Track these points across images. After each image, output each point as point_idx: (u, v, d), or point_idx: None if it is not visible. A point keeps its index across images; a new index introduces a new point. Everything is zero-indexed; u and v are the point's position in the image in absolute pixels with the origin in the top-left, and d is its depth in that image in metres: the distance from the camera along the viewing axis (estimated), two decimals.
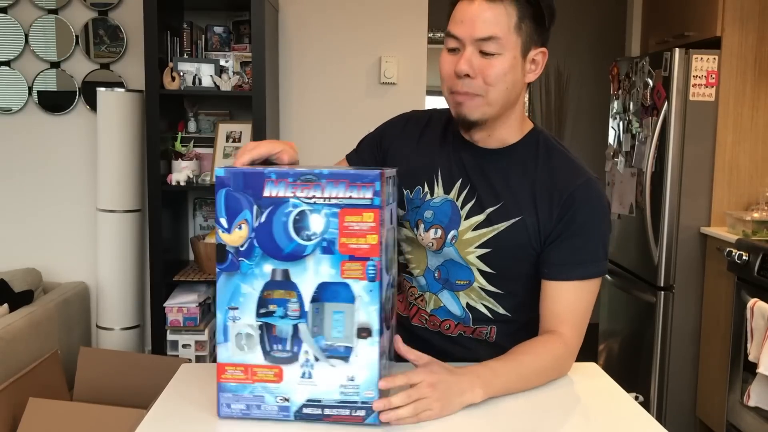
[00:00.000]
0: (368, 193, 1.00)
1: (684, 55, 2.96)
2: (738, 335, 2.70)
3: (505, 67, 1.20)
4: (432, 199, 1.32)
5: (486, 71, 1.20)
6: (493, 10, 1.18)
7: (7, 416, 2.11)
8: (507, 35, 1.19)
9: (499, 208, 1.27)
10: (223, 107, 3.18)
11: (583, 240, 1.25)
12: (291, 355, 1.03)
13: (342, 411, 1.03)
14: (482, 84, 1.21)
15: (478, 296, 1.31)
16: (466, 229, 1.29)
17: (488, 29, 1.18)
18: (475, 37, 1.19)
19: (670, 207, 3.02)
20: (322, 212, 1.01)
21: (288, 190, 1.01)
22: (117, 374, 2.53)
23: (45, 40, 3.12)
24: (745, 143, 3.02)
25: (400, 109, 1.50)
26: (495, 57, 1.20)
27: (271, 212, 1.01)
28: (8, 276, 2.87)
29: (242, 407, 1.05)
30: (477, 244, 1.28)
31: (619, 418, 1.12)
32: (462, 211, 1.30)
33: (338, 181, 1.00)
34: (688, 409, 3.12)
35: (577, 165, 1.29)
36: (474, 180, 1.30)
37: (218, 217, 1.03)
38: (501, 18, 1.18)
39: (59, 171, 3.20)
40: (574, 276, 1.25)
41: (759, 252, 2.60)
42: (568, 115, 4.78)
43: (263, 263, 1.02)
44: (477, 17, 1.19)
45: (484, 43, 1.19)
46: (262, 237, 1.02)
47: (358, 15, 3.22)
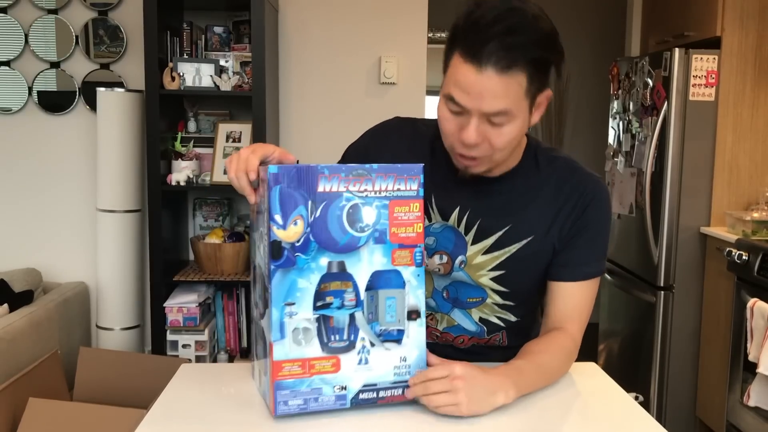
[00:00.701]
0: (414, 185, 1.08)
1: (684, 55, 2.96)
2: (738, 335, 2.70)
3: (514, 133, 1.13)
4: (431, 224, 1.28)
5: (494, 139, 1.12)
6: (504, 83, 1.06)
7: (7, 416, 2.11)
8: (517, 104, 1.10)
9: (509, 230, 1.25)
10: (223, 107, 3.18)
11: (591, 240, 1.26)
12: (348, 344, 1.07)
13: (395, 391, 1.09)
14: (489, 148, 1.14)
15: (491, 310, 1.31)
16: (474, 254, 1.27)
17: (499, 104, 1.08)
18: (483, 112, 1.09)
19: (670, 207, 3.02)
20: (374, 204, 1.06)
21: (341, 184, 1.05)
22: (117, 374, 2.53)
23: (45, 40, 3.12)
24: (745, 143, 3.02)
25: (400, 109, 1.48)
26: (504, 126, 1.11)
27: (326, 207, 1.05)
28: (8, 276, 2.87)
29: (299, 402, 1.06)
30: (489, 267, 1.27)
31: (619, 418, 1.12)
32: (467, 237, 1.26)
33: (387, 174, 1.07)
34: (688, 409, 3.12)
35: (578, 168, 1.28)
36: (475, 206, 1.25)
37: (272, 214, 1.03)
38: (512, 89, 1.08)
39: (59, 171, 3.20)
40: (581, 276, 1.26)
41: (759, 252, 2.60)
42: (568, 115, 4.78)
43: (319, 257, 1.05)
44: (486, 91, 1.07)
45: (494, 116, 1.10)
46: (317, 231, 1.05)
47: (358, 15, 3.22)
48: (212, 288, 3.06)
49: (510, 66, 1.06)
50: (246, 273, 2.96)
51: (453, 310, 1.32)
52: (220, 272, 2.93)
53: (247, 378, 1.24)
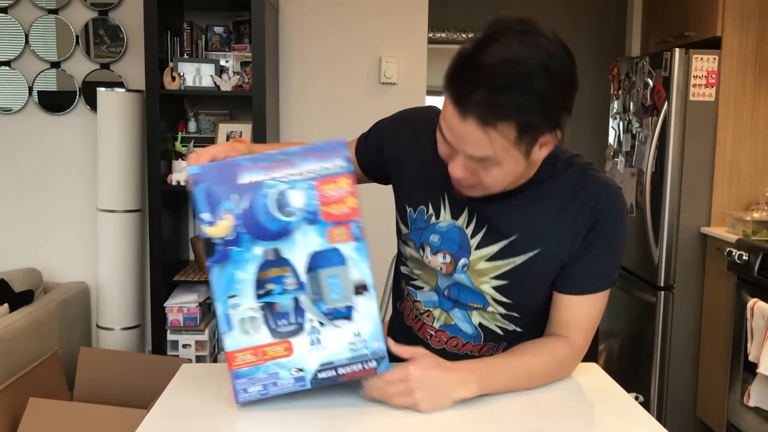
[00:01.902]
0: (339, 161, 1.06)
1: (684, 55, 2.96)
2: (738, 335, 2.70)
3: (502, 174, 1.09)
4: (438, 222, 1.25)
5: (482, 176, 1.09)
6: (486, 135, 1.03)
7: (7, 416, 2.11)
8: (505, 153, 1.05)
9: (515, 240, 1.20)
10: (223, 107, 3.19)
11: (605, 254, 1.21)
12: (297, 327, 1.07)
13: (354, 366, 1.08)
14: (479, 182, 1.11)
15: (492, 318, 1.28)
16: (478, 260, 1.23)
17: (481, 152, 1.05)
18: (467, 155, 1.07)
19: (670, 207, 3.02)
20: (300, 187, 1.05)
21: (263, 173, 1.05)
22: (117, 374, 2.53)
23: (45, 40, 3.12)
24: (745, 143, 3.02)
25: (400, 109, 1.44)
26: (491, 167, 1.07)
27: (252, 197, 1.05)
28: (8, 276, 2.87)
29: (259, 388, 1.09)
30: (492, 275, 1.23)
31: (619, 418, 1.12)
32: (472, 240, 1.23)
33: (309, 155, 1.06)
34: (688, 409, 3.12)
35: (596, 176, 1.22)
36: (484, 209, 1.22)
37: (199, 213, 1.06)
38: (496, 141, 1.03)
39: (59, 171, 3.20)
40: (590, 290, 1.22)
41: (759, 252, 2.60)
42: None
43: (253, 247, 1.06)
44: (468, 139, 1.04)
45: (477, 161, 1.07)
46: (247, 222, 1.05)
47: (358, 15, 3.22)
48: None
49: (491, 122, 1.02)
50: None
51: (453, 309, 1.29)
52: None
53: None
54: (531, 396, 1.18)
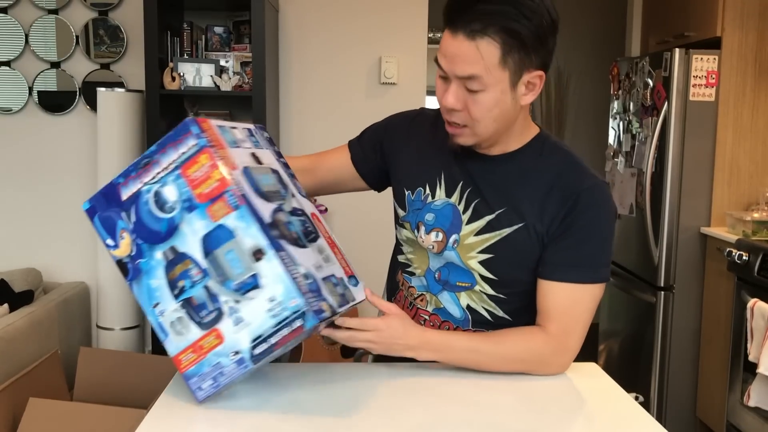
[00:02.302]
0: (191, 141, 1.07)
1: (684, 55, 2.96)
2: (738, 335, 2.70)
3: (490, 103, 1.16)
4: (433, 201, 1.31)
5: (471, 107, 1.17)
6: (473, 47, 1.11)
7: (7, 416, 2.11)
8: (490, 73, 1.13)
9: (502, 213, 1.25)
10: (223, 107, 3.19)
11: (583, 243, 1.22)
12: (217, 313, 1.08)
13: (282, 332, 1.06)
14: (468, 117, 1.18)
15: (480, 299, 1.30)
16: (467, 234, 1.27)
17: (467, 69, 1.13)
18: (456, 75, 1.15)
19: (670, 207, 3.02)
20: (169, 181, 1.07)
21: (136, 182, 1.09)
22: (117, 374, 2.53)
23: (45, 40, 3.12)
24: (745, 143, 3.02)
25: (400, 108, 1.50)
26: (479, 93, 1.15)
27: (135, 208, 1.09)
28: (8, 276, 2.87)
29: (210, 382, 1.10)
30: (479, 249, 1.26)
31: (619, 418, 1.12)
32: (464, 216, 1.28)
33: (165, 148, 1.08)
34: (688, 409, 3.12)
35: (584, 168, 1.26)
36: (476, 185, 1.28)
37: (104, 241, 1.12)
38: (482, 55, 1.11)
39: (59, 171, 3.20)
40: (568, 278, 1.22)
41: (759, 252, 2.60)
42: (568, 115, 4.78)
43: (154, 253, 1.09)
44: (456, 55, 1.13)
45: (466, 81, 1.14)
46: (140, 233, 1.09)
47: (358, 15, 3.22)
48: None
49: (478, 32, 1.10)
50: None
51: (442, 292, 1.32)
52: None
53: (247, 378, 1.24)
54: (530, 395, 1.18)
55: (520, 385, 1.23)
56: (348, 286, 1.18)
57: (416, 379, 1.24)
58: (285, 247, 1.07)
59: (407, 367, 1.29)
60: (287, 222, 1.13)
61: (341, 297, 1.13)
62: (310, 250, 1.14)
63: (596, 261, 1.23)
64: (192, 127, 1.07)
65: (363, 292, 1.21)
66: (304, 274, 1.07)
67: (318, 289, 1.08)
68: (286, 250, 1.06)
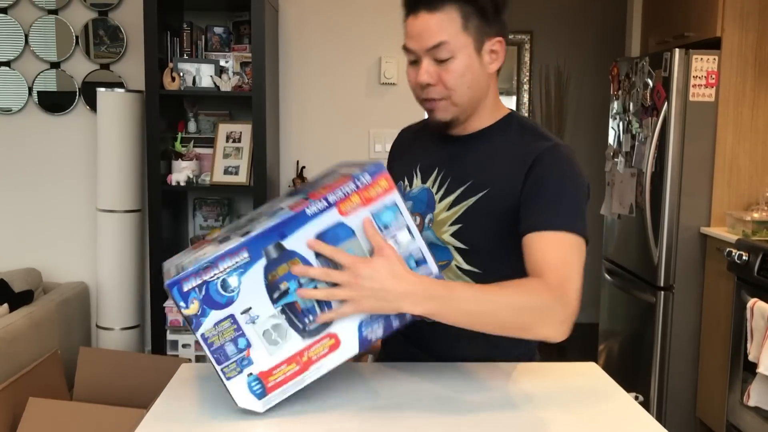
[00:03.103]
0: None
1: (684, 55, 2.96)
2: (738, 335, 2.70)
3: (461, 68, 1.26)
4: (411, 190, 1.39)
5: (444, 77, 1.26)
6: (436, 18, 1.24)
7: (7, 416, 2.11)
8: (455, 38, 1.24)
9: (470, 185, 1.31)
10: (223, 107, 3.19)
11: (552, 197, 1.23)
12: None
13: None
14: (443, 89, 1.27)
15: (456, 275, 1.32)
16: (440, 211, 1.34)
17: (435, 37, 1.24)
18: (425, 47, 1.25)
19: (670, 207, 3.02)
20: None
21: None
22: (117, 374, 2.53)
23: (45, 41, 3.12)
24: (745, 143, 3.02)
25: (400, 109, 1.55)
26: (449, 62, 1.25)
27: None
28: (8, 276, 2.87)
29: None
30: (450, 222, 1.32)
31: (619, 418, 1.12)
32: (437, 195, 1.35)
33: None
34: (688, 409, 3.12)
35: (548, 136, 1.31)
36: (448, 166, 1.35)
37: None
38: (445, 24, 1.24)
39: (59, 171, 3.20)
40: (545, 226, 1.20)
41: (759, 252, 2.60)
42: (568, 115, 4.78)
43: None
44: (423, 29, 1.25)
45: (436, 51, 1.24)
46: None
47: (358, 15, 3.22)
48: None
49: (438, 3, 1.23)
50: None
51: None
52: None
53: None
54: (531, 395, 1.18)
55: (520, 385, 1.23)
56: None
57: (416, 379, 1.24)
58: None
59: (407, 367, 1.29)
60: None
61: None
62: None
63: (570, 212, 1.22)
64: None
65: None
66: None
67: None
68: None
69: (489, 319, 1.10)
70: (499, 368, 1.30)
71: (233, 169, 2.97)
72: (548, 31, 4.71)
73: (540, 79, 4.79)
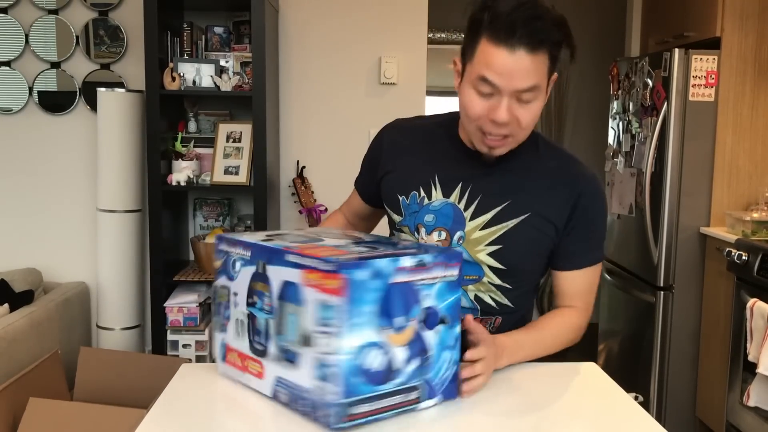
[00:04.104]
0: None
1: (683, 55, 2.96)
2: (738, 335, 2.70)
3: (538, 111, 1.23)
4: (431, 203, 1.34)
5: (522, 117, 1.21)
6: (535, 61, 1.17)
7: (7, 416, 2.11)
8: (544, 81, 1.21)
9: (507, 206, 1.31)
10: (223, 107, 3.19)
11: (593, 231, 1.35)
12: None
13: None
14: (517, 128, 1.23)
15: (487, 289, 1.34)
16: (473, 230, 1.31)
17: (530, 80, 1.18)
18: (516, 89, 1.18)
19: (669, 207, 3.03)
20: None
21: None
22: (117, 374, 2.53)
23: (45, 41, 3.12)
24: (744, 143, 3.02)
25: (400, 108, 1.52)
26: (532, 103, 1.21)
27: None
28: (8, 276, 2.87)
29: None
30: (487, 242, 1.31)
31: (619, 418, 1.12)
32: (466, 213, 1.32)
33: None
34: (688, 409, 3.13)
35: (578, 162, 1.37)
36: (476, 182, 1.32)
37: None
38: (540, 67, 1.18)
39: (59, 171, 3.20)
40: (586, 263, 1.36)
41: (758, 252, 2.60)
42: (568, 115, 4.79)
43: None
44: (519, 69, 1.16)
45: (525, 93, 1.19)
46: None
47: (358, 15, 3.22)
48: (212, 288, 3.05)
49: (538, 47, 1.17)
50: None
51: None
52: None
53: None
54: (531, 396, 1.18)
55: (520, 385, 1.23)
56: None
57: None
58: None
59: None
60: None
61: None
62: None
63: (601, 243, 1.39)
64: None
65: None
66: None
67: None
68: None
69: (542, 353, 1.34)
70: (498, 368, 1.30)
71: (233, 169, 2.98)
72: None
73: None
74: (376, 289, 0.97)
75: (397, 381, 1.01)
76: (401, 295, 1.00)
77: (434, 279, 1.05)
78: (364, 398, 0.98)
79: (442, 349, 1.07)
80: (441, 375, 1.08)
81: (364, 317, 0.97)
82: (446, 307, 1.07)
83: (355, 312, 0.96)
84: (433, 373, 1.07)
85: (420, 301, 1.03)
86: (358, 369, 0.97)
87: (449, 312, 1.07)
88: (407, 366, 1.02)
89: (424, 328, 1.04)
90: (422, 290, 1.03)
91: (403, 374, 1.02)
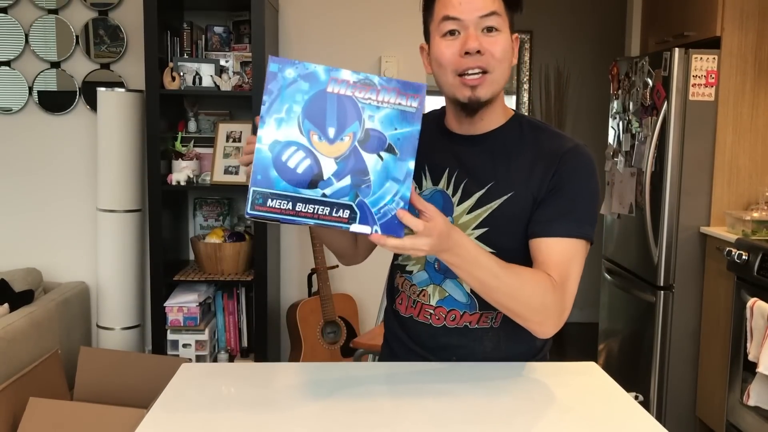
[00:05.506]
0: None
1: (684, 54, 2.96)
2: (738, 335, 2.70)
3: (507, 43, 1.27)
4: (422, 192, 1.36)
5: (492, 48, 1.25)
6: None
7: (7, 416, 2.11)
8: (503, 12, 1.26)
9: (491, 188, 1.31)
10: (223, 107, 3.19)
11: (569, 200, 1.27)
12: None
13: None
14: (491, 59, 1.25)
15: None
16: (460, 214, 1.32)
17: (488, 5, 1.24)
18: (479, 14, 1.24)
19: (669, 207, 3.03)
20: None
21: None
22: (117, 374, 2.53)
23: (45, 40, 3.12)
24: (744, 143, 3.02)
25: None
26: (498, 33, 1.25)
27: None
28: (8, 276, 2.87)
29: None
30: (473, 226, 1.31)
31: (619, 418, 1.13)
32: (453, 198, 1.33)
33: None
34: (688, 408, 3.13)
35: (563, 135, 1.34)
36: (462, 167, 1.34)
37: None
38: None
39: (59, 171, 3.20)
40: (562, 233, 1.25)
41: (758, 252, 2.60)
42: (568, 115, 4.79)
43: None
44: (476, 1, 1.24)
45: (488, 19, 1.24)
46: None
47: (358, 15, 3.22)
48: (212, 288, 3.06)
49: None
50: (246, 272, 2.96)
51: (445, 280, 1.35)
52: (220, 272, 2.94)
53: (247, 378, 1.24)
54: (530, 395, 1.18)
55: (521, 385, 1.23)
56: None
57: (416, 379, 1.24)
58: None
59: (407, 367, 1.29)
60: None
61: None
62: None
63: (582, 216, 1.27)
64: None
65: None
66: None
67: None
68: None
69: (495, 294, 1.19)
70: (499, 368, 1.30)
71: (233, 169, 2.98)
72: (548, 30, 4.71)
73: (540, 79, 4.79)
74: (304, 91, 1.04)
75: (325, 191, 1.03)
76: (337, 106, 1.04)
77: (382, 102, 1.05)
78: (281, 194, 1.03)
79: (387, 178, 1.05)
80: (381, 205, 1.05)
81: (289, 115, 1.03)
82: (397, 137, 1.06)
83: (276, 106, 1.04)
84: (372, 199, 1.05)
85: (362, 120, 1.04)
86: (278, 163, 1.03)
87: (400, 144, 1.06)
88: (338, 181, 1.04)
89: (363, 149, 1.04)
90: (366, 109, 1.05)
91: (332, 187, 1.04)
